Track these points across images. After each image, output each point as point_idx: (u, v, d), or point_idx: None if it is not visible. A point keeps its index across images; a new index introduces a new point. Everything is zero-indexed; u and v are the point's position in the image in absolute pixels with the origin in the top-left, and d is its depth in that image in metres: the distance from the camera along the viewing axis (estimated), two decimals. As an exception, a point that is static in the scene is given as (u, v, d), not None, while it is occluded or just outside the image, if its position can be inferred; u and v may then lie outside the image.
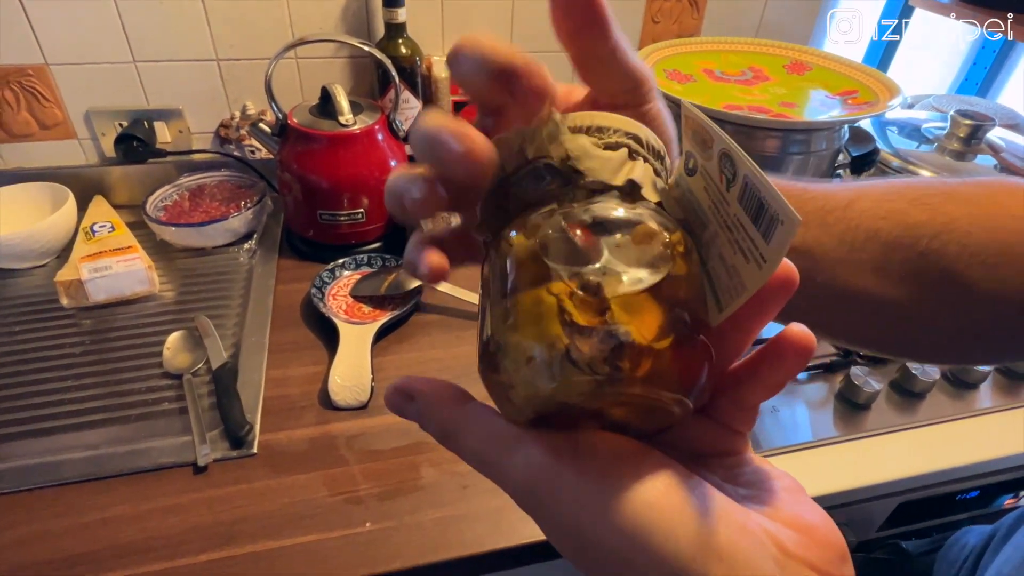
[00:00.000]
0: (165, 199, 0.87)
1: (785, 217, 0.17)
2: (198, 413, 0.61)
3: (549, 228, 0.19)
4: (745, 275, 0.19)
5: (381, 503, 0.55)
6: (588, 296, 0.17)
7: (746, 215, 0.19)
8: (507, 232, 0.20)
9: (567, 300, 0.17)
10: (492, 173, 0.21)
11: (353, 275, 0.79)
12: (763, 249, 0.18)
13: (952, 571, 0.55)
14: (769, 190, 0.18)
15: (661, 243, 0.19)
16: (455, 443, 0.21)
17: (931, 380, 0.68)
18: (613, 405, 0.19)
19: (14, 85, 0.83)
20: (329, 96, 0.78)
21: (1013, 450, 0.64)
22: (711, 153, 0.20)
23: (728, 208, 0.20)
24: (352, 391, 0.63)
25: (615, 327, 0.17)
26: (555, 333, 0.17)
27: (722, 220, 0.20)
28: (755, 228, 0.18)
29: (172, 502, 0.54)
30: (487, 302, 0.20)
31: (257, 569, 0.49)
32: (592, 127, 0.21)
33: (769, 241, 0.18)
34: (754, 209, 0.18)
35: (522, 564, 0.54)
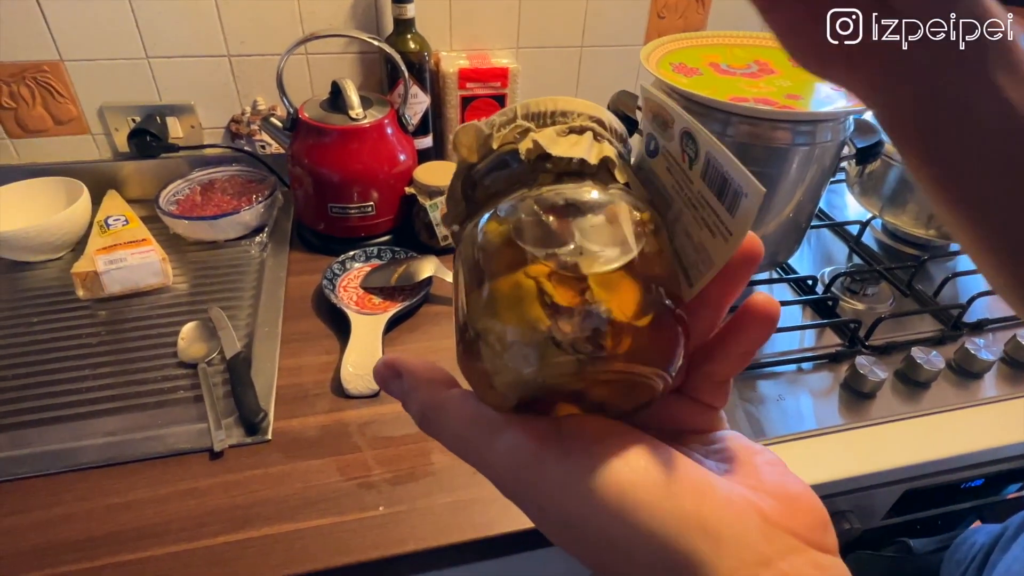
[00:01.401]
0: (177, 193, 0.89)
1: (749, 189, 0.18)
2: (213, 401, 0.62)
3: (522, 212, 0.19)
4: (712, 250, 0.20)
5: (394, 488, 0.56)
6: (567, 276, 0.17)
7: (710, 191, 0.19)
8: (478, 219, 0.20)
9: (546, 282, 0.17)
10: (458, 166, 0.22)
11: (363, 267, 0.80)
12: (728, 223, 0.19)
13: (960, 570, 0.55)
14: (732, 164, 0.18)
15: (633, 222, 0.19)
16: (436, 425, 0.21)
17: (936, 369, 0.68)
18: (595, 384, 0.19)
19: (29, 81, 0.84)
20: (339, 90, 0.79)
21: (1017, 439, 0.65)
22: (672, 133, 0.21)
23: (692, 186, 0.20)
24: (364, 379, 0.64)
25: (596, 306, 0.17)
26: (536, 316, 0.17)
27: (686, 198, 0.21)
28: (719, 203, 0.19)
29: (190, 486, 0.55)
30: (461, 291, 0.20)
31: (274, 551, 0.50)
32: (556, 112, 0.21)
33: (734, 214, 0.18)
34: (718, 185, 0.19)
35: (532, 548, 0.55)
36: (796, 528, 0.17)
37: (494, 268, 0.19)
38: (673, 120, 0.20)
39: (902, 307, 0.81)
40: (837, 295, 0.80)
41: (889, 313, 0.77)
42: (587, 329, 0.17)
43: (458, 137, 0.22)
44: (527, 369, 0.17)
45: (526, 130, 0.21)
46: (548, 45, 1.00)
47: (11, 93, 0.84)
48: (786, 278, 0.84)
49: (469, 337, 0.19)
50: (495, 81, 0.93)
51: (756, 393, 0.68)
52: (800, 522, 0.18)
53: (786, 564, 0.16)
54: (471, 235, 0.20)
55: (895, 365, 0.71)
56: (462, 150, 0.22)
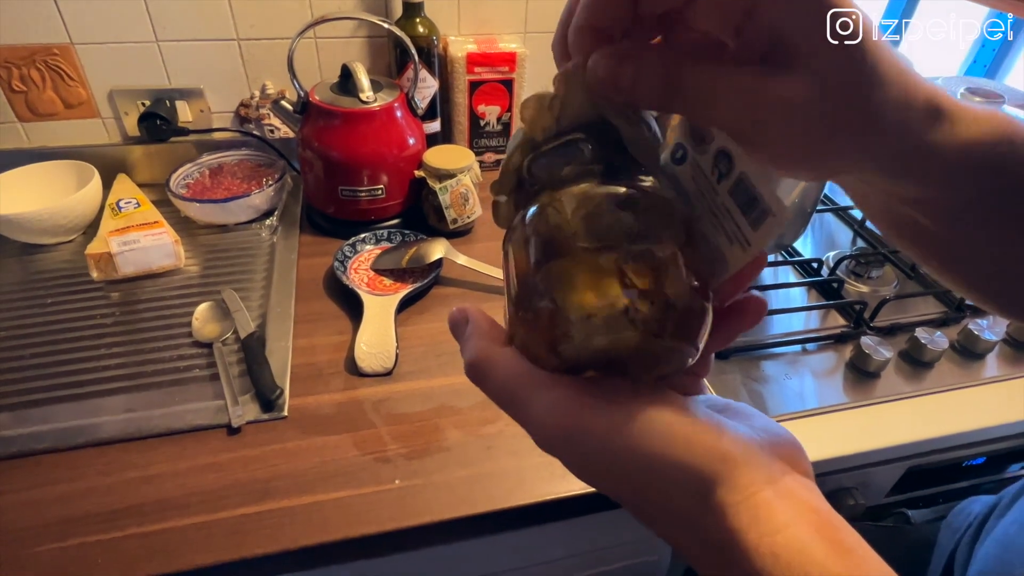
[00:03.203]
0: (187, 177, 0.89)
1: (777, 210, 0.20)
2: (229, 378, 0.63)
3: (599, 200, 0.21)
4: (729, 255, 0.23)
5: (409, 462, 0.57)
6: (643, 264, 0.20)
7: (735, 205, 0.22)
8: (555, 200, 0.22)
9: (626, 267, 0.20)
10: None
11: (374, 250, 0.81)
12: (749, 235, 0.22)
13: (956, 537, 0.57)
14: (765, 186, 0.21)
15: (685, 218, 0.22)
16: (484, 375, 0.23)
17: (940, 350, 0.69)
18: (640, 355, 0.21)
19: (39, 64, 0.84)
20: (349, 74, 0.79)
21: (1019, 417, 0.66)
22: (707, 148, 0.23)
23: (716, 197, 0.23)
24: (377, 358, 0.65)
25: (666, 291, 0.20)
26: (616, 294, 0.20)
27: (707, 206, 0.23)
28: (743, 217, 0.22)
29: (209, 461, 0.56)
30: (526, 262, 0.22)
31: (293, 522, 0.51)
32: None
33: (757, 229, 0.21)
34: (744, 201, 0.22)
35: (545, 521, 0.56)
36: (784, 456, 0.22)
37: (572, 247, 0.21)
38: (713, 138, 0.23)
39: (906, 289, 0.82)
40: (842, 278, 0.81)
41: (893, 295, 0.78)
42: (658, 311, 0.20)
43: (524, 109, 0.24)
44: (598, 339, 0.20)
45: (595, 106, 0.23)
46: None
47: (21, 76, 0.85)
48: (792, 261, 0.85)
49: (537, 306, 0.21)
50: (503, 65, 0.93)
51: (762, 372, 0.69)
52: (786, 452, 0.22)
53: (785, 481, 0.20)
54: (546, 212, 0.22)
55: (899, 346, 0.72)
56: (526, 124, 0.24)
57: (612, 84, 0.21)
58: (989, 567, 0.48)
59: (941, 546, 0.55)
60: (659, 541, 0.73)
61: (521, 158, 0.25)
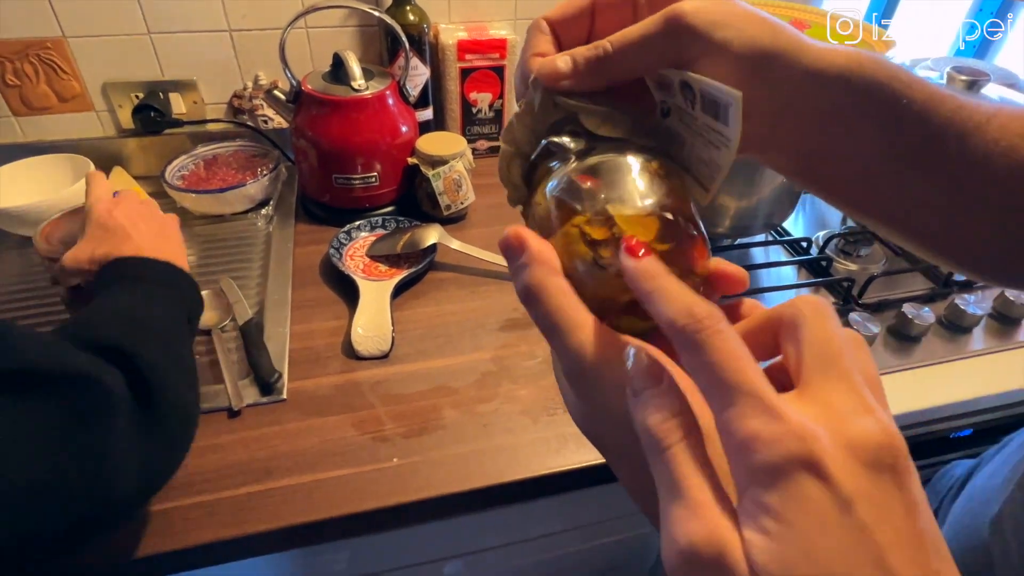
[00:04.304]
0: (182, 169, 0.90)
1: (731, 97, 0.23)
2: (229, 363, 0.64)
3: (562, 183, 0.25)
4: (720, 159, 0.25)
5: (407, 441, 0.58)
6: (600, 219, 0.24)
7: (710, 117, 0.25)
8: (534, 198, 0.27)
9: (586, 227, 0.24)
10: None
11: (369, 237, 0.82)
12: (726, 132, 0.24)
13: (939, 498, 0.59)
14: (716, 87, 0.23)
15: (647, 171, 0.25)
16: (535, 302, 0.23)
17: (927, 324, 0.71)
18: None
19: (33, 58, 0.85)
20: (341, 62, 0.80)
21: (1003, 388, 0.68)
22: (674, 90, 0.26)
23: (696, 122, 0.26)
24: (374, 341, 0.66)
25: (626, 233, 0.23)
26: (582, 250, 0.23)
27: (695, 132, 0.26)
28: (718, 122, 0.24)
29: (211, 442, 0.57)
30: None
31: (295, 499, 0.53)
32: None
33: (729, 123, 0.23)
34: (713, 109, 0.24)
35: (539, 495, 0.57)
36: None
37: (551, 227, 0.25)
38: (671, 80, 0.26)
39: (894, 266, 0.83)
40: (831, 256, 0.82)
41: (881, 272, 0.80)
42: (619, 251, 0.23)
43: (505, 132, 0.29)
44: (589, 287, 0.23)
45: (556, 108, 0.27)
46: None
47: (15, 70, 0.85)
48: (781, 240, 0.86)
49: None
50: (494, 52, 0.94)
51: (753, 349, 0.70)
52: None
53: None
54: (533, 209, 0.27)
55: (887, 321, 0.74)
56: (510, 143, 0.28)
57: (556, 72, 0.26)
58: (958, 518, 0.49)
59: None
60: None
61: (519, 171, 0.29)
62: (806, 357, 0.19)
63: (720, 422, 0.18)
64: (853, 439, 0.17)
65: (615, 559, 0.82)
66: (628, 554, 0.82)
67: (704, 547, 0.17)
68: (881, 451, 0.17)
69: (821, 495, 0.16)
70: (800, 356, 0.20)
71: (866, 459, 0.17)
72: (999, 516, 0.47)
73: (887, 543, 0.16)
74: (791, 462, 0.16)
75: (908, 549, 0.16)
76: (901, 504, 0.17)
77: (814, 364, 0.19)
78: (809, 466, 0.16)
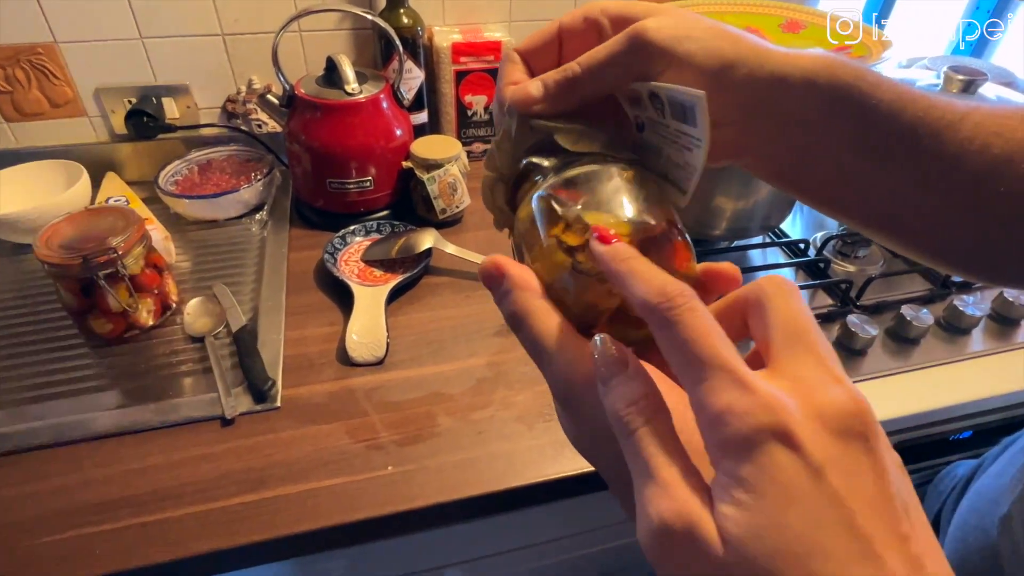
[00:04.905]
0: (176, 174, 0.89)
1: (695, 98, 0.23)
2: (222, 371, 0.63)
3: (539, 197, 0.26)
4: (693, 160, 0.25)
5: (401, 448, 0.57)
6: (575, 226, 0.24)
7: (680, 123, 0.25)
8: (517, 215, 0.28)
9: (563, 235, 0.24)
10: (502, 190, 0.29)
11: (363, 241, 0.81)
12: (695, 133, 0.24)
13: (941, 499, 0.58)
14: (680, 91, 0.24)
15: (621, 179, 0.26)
16: (519, 328, 0.24)
17: (925, 326, 0.70)
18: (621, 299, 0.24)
19: (24, 64, 0.84)
20: (335, 66, 0.79)
21: (1003, 390, 0.67)
22: (644, 103, 0.27)
23: (668, 129, 0.26)
24: (369, 347, 0.66)
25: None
26: (561, 259, 0.24)
27: (668, 140, 0.27)
28: (688, 125, 0.25)
29: (204, 452, 0.56)
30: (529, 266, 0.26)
31: (288, 509, 0.52)
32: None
33: (696, 124, 0.24)
34: (681, 113, 0.25)
35: (535, 503, 0.57)
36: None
37: (532, 240, 0.26)
38: (640, 93, 0.27)
39: (892, 268, 0.82)
40: (829, 258, 0.82)
41: (879, 273, 0.79)
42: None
43: (486, 161, 0.29)
44: (571, 294, 0.24)
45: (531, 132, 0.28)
46: (540, 18, 1.00)
47: (6, 76, 0.85)
48: (779, 242, 0.86)
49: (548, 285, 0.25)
50: (488, 55, 0.93)
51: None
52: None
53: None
54: (518, 225, 0.27)
55: (886, 323, 0.73)
56: (492, 170, 0.29)
57: (528, 97, 0.27)
58: (964, 519, 0.49)
59: (927, 508, 0.57)
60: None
61: (503, 196, 0.29)
62: (773, 335, 0.20)
63: (693, 398, 0.18)
64: (822, 408, 0.17)
65: (614, 565, 0.82)
66: (627, 560, 0.81)
67: (675, 523, 0.17)
68: (850, 418, 0.17)
69: (792, 464, 0.16)
70: (768, 334, 0.20)
71: (835, 427, 0.17)
72: (1008, 516, 0.47)
73: (858, 508, 0.16)
74: (761, 433, 0.16)
75: (879, 513, 0.16)
76: (871, 470, 0.17)
77: (781, 340, 0.20)
78: (779, 436, 0.16)
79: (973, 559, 0.49)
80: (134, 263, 0.65)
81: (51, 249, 0.62)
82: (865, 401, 0.18)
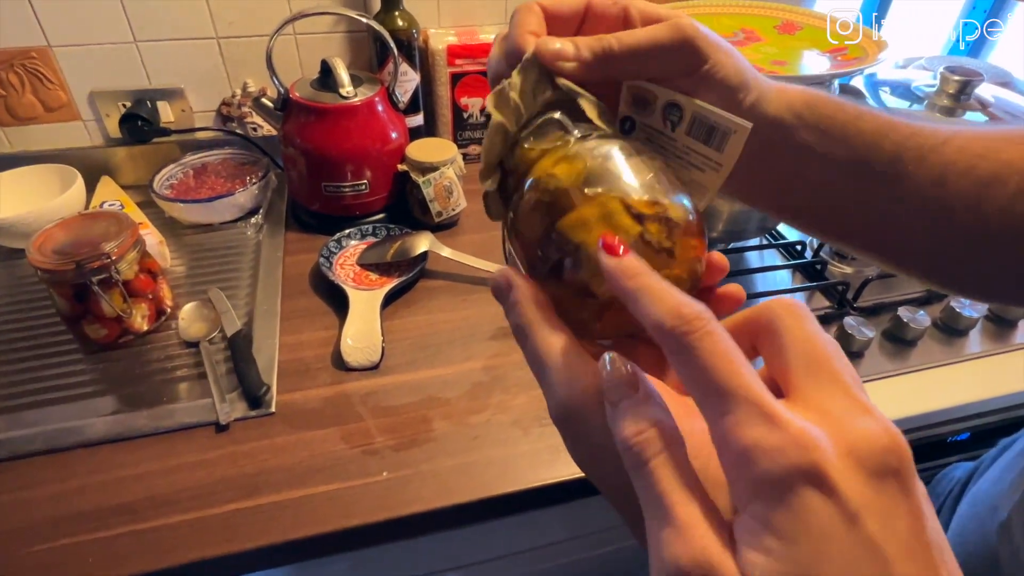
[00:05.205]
0: (171, 178, 0.89)
1: (737, 127, 0.24)
2: (216, 377, 0.63)
3: (587, 156, 0.24)
4: (706, 182, 0.26)
5: (397, 454, 0.57)
6: (643, 195, 0.23)
7: (696, 141, 0.26)
8: (550, 168, 0.24)
9: (629, 200, 0.23)
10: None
11: (359, 245, 0.81)
12: (717, 157, 0.25)
13: (939, 502, 0.58)
14: (718, 115, 0.25)
15: (654, 163, 0.25)
16: (524, 340, 0.23)
17: (922, 328, 0.70)
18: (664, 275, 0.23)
19: (18, 68, 0.84)
20: (329, 69, 0.79)
21: (1001, 391, 0.67)
22: (652, 108, 0.27)
23: (674, 143, 0.26)
24: (364, 352, 0.65)
25: (668, 213, 0.23)
26: (628, 224, 0.22)
27: (668, 152, 0.27)
28: (707, 146, 0.25)
29: (198, 458, 0.56)
30: (540, 228, 0.24)
31: (283, 515, 0.52)
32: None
33: (723, 150, 0.25)
34: (705, 135, 0.25)
35: (531, 508, 0.56)
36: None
37: (578, 199, 0.23)
38: (657, 97, 0.26)
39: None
40: (825, 259, 0.82)
41: (876, 275, 0.79)
42: (665, 228, 0.23)
43: (491, 107, 0.26)
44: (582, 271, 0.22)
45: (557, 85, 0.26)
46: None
47: (0, 81, 0.84)
48: (775, 244, 0.86)
49: (561, 260, 0.23)
50: (484, 57, 0.93)
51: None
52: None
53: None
54: (542, 182, 0.24)
55: (882, 325, 0.73)
56: (497, 118, 0.26)
57: (559, 53, 0.25)
58: (963, 523, 0.49)
59: None
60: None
61: (502, 148, 0.27)
62: (792, 361, 0.19)
63: (716, 431, 0.17)
64: (855, 444, 0.16)
65: (612, 568, 0.82)
66: (625, 564, 0.81)
67: (693, 571, 0.16)
68: (886, 455, 0.16)
69: (826, 509, 0.15)
70: (785, 361, 0.19)
71: (870, 465, 0.16)
72: (1007, 522, 0.47)
73: (895, 555, 0.15)
74: (794, 474, 0.15)
75: (916, 559, 0.15)
76: (907, 512, 0.16)
77: (802, 368, 0.18)
78: (812, 478, 0.15)
79: (972, 564, 0.48)
80: (128, 268, 0.65)
81: (44, 255, 0.62)
82: (899, 433, 0.17)
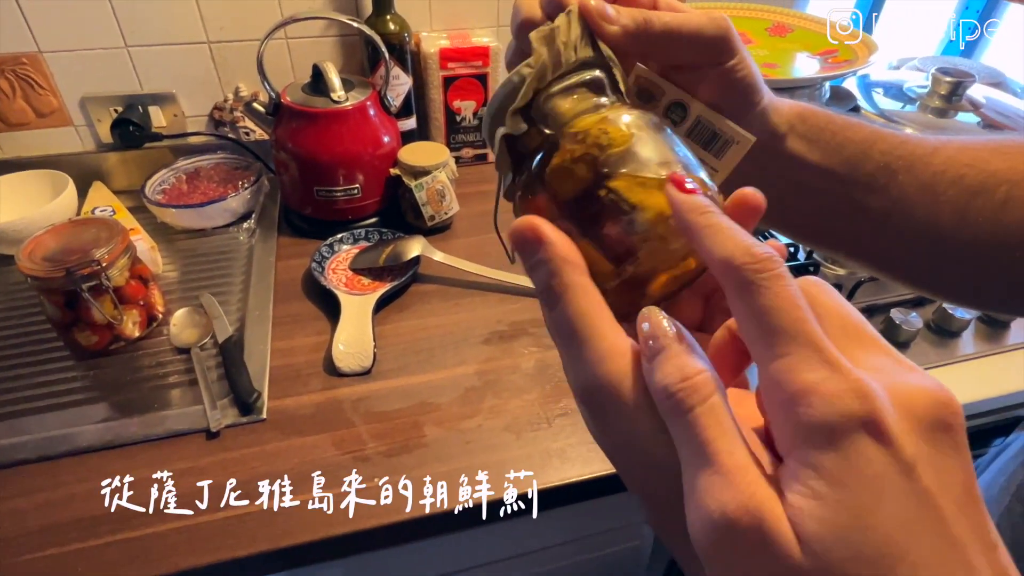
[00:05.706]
0: (163, 183, 0.89)
1: (740, 138, 0.25)
2: (207, 383, 0.63)
3: (636, 127, 0.22)
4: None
5: (388, 459, 0.57)
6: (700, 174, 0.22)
7: (695, 143, 0.26)
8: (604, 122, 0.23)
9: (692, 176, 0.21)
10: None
11: (351, 249, 0.81)
12: (714, 163, 0.26)
13: None
14: (724, 124, 0.25)
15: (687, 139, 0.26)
16: (553, 304, 0.20)
17: (915, 329, 0.70)
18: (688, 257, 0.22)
19: (9, 74, 0.84)
20: (321, 74, 0.79)
21: (994, 392, 0.67)
22: (656, 103, 0.27)
23: None
24: (356, 357, 0.65)
25: (712, 193, 0.22)
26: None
27: None
28: (706, 151, 0.26)
29: (189, 465, 0.56)
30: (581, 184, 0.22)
31: (275, 521, 0.52)
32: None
33: (721, 157, 0.25)
34: (705, 138, 0.26)
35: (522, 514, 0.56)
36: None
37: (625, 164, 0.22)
38: (664, 93, 0.27)
39: (882, 271, 0.82)
40: (818, 261, 0.82)
41: (869, 277, 0.79)
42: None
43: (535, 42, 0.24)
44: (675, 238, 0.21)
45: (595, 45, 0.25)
46: (528, 23, 1.00)
47: (-10, 87, 0.84)
48: (769, 246, 0.85)
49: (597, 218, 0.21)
50: (476, 60, 0.93)
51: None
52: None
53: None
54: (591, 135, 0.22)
55: (875, 326, 0.72)
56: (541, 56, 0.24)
57: (605, 14, 0.25)
58: None
59: None
60: (641, 527, 0.73)
61: (537, 86, 0.24)
62: (829, 330, 0.18)
63: (769, 372, 0.16)
64: (910, 398, 0.16)
65: (607, 572, 0.81)
66: (621, 567, 0.81)
67: (742, 516, 0.15)
68: (941, 409, 0.16)
69: (881, 458, 0.15)
70: (823, 329, 0.18)
71: (925, 420, 0.15)
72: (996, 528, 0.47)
73: (949, 509, 0.15)
74: (851, 421, 0.15)
75: (969, 515, 0.15)
76: (960, 467, 0.15)
77: (840, 335, 0.18)
78: (869, 426, 0.15)
79: None
80: (118, 275, 0.65)
81: (34, 262, 0.62)
82: (950, 390, 0.16)
